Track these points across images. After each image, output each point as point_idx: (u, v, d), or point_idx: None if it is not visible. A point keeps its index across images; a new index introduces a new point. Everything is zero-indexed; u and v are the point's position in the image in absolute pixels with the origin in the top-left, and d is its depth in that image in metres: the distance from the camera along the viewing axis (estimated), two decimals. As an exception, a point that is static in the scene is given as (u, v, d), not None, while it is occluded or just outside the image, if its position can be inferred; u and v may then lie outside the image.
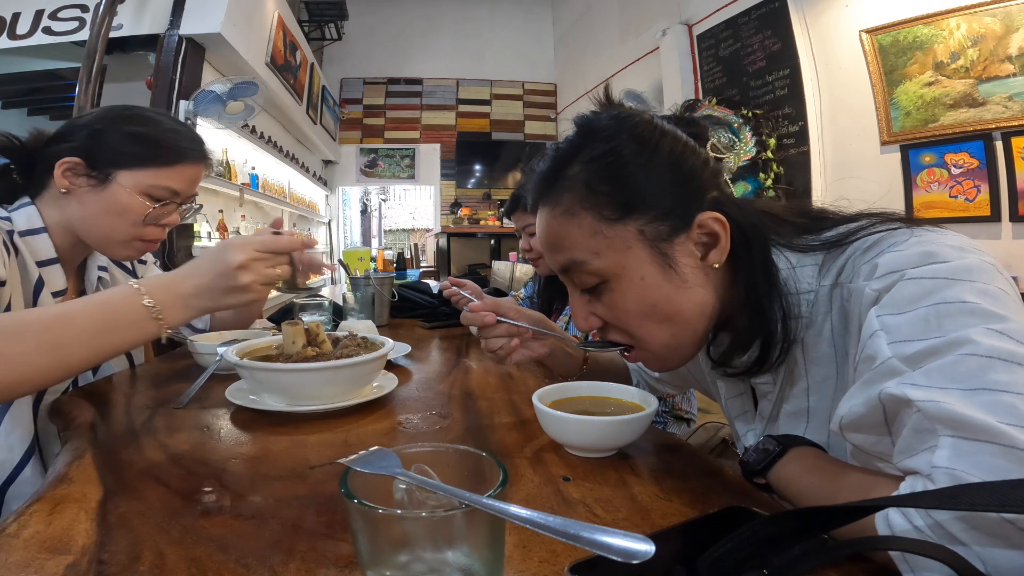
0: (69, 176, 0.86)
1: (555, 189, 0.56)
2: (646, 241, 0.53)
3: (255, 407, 0.73)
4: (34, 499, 0.47)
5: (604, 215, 0.53)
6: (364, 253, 2.53)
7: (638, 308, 0.54)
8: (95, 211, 0.87)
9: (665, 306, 0.54)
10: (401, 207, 9.25)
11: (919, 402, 0.37)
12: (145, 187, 0.87)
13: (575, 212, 0.54)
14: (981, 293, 0.40)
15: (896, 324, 0.42)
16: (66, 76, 3.17)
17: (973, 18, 2.48)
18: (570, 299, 0.60)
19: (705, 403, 1.50)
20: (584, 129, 0.57)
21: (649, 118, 0.57)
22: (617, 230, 0.53)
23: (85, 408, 0.76)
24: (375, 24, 6.80)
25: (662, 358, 0.59)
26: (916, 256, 0.44)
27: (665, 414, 1.35)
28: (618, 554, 0.27)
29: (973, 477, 0.33)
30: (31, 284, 0.83)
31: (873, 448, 0.43)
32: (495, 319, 0.70)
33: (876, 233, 0.51)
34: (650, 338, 0.56)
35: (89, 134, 0.87)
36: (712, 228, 0.53)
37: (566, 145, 0.57)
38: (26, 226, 0.85)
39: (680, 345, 0.57)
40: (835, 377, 0.53)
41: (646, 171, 0.53)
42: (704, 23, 3.94)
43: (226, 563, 0.38)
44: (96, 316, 0.62)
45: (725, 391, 0.69)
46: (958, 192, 2.58)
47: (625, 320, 0.56)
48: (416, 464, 0.34)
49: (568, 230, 0.55)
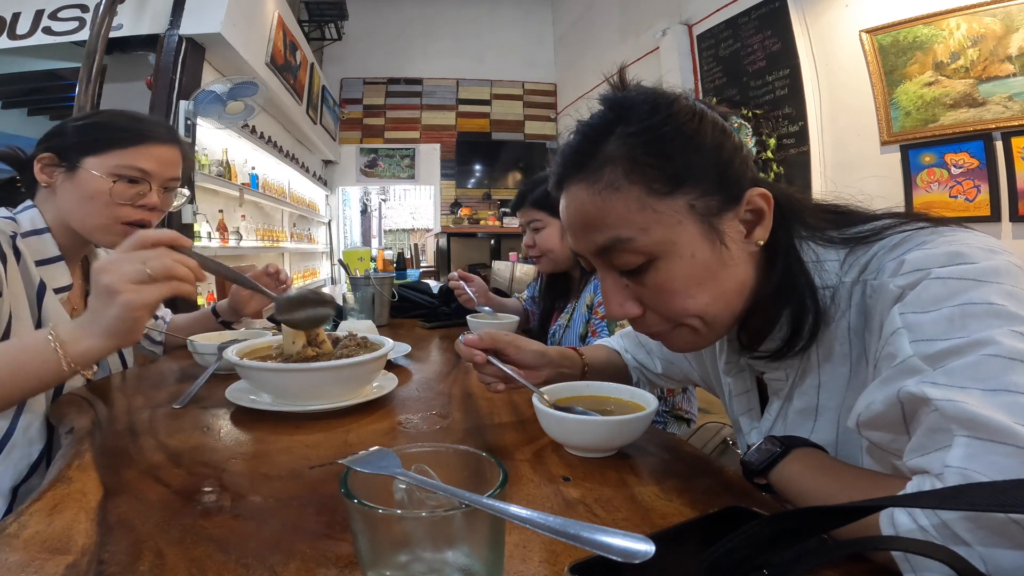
0: (47, 171, 0.91)
1: (592, 165, 0.52)
2: (697, 215, 0.51)
3: (255, 407, 0.73)
4: (34, 499, 0.47)
5: (654, 188, 0.50)
6: (364, 253, 2.53)
7: (685, 287, 0.51)
8: (72, 199, 0.90)
9: (712, 284, 0.52)
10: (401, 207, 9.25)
11: (937, 401, 0.37)
12: (111, 168, 0.89)
13: (619, 186, 0.51)
14: (1008, 295, 0.40)
15: (919, 322, 0.41)
16: (66, 76, 3.17)
17: (973, 18, 2.48)
18: (603, 286, 0.56)
19: (705, 403, 1.50)
20: (616, 105, 0.54)
21: (686, 97, 0.55)
22: (667, 204, 0.50)
23: (85, 408, 0.76)
24: (375, 24, 6.80)
25: (699, 336, 0.55)
26: (944, 255, 0.44)
27: (665, 414, 1.35)
28: (618, 554, 0.27)
29: (984, 477, 0.33)
30: (34, 286, 0.86)
31: (890, 446, 0.42)
32: (484, 359, 0.69)
33: (903, 232, 0.50)
34: (691, 319, 0.54)
35: (58, 131, 0.93)
36: (759, 205, 0.52)
37: (598, 120, 0.54)
38: (30, 226, 0.89)
39: (718, 324, 0.55)
40: (848, 375, 0.53)
41: (694, 146, 0.51)
42: (704, 23, 3.94)
43: (226, 563, 0.38)
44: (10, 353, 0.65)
45: (733, 387, 0.68)
46: (958, 192, 2.58)
47: (669, 300, 0.52)
48: (416, 464, 0.34)
49: (611, 205, 0.51)
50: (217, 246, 3.27)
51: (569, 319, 1.37)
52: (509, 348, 0.72)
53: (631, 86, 0.56)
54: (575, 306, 1.37)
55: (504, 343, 0.72)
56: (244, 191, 3.66)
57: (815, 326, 0.53)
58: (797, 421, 0.57)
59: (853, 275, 0.51)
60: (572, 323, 1.35)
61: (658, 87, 0.56)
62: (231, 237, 3.54)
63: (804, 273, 0.53)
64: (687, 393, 1.38)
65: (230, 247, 3.48)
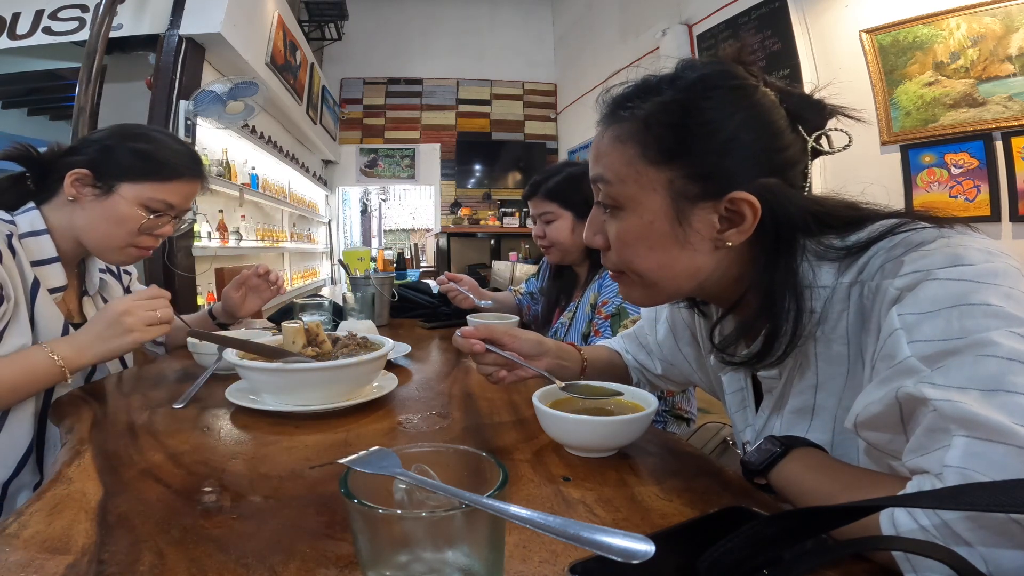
0: (77, 186, 0.93)
1: (620, 115, 0.58)
2: (671, 192, 0.54)
3: (255, 407, 0.73)
4: (34, 499, 0.47)
5: (646, 154, 0.55)
6: (364, 253, 2.53)
7: (635, 244, 0.58)
8: (97, 218, 0.94)
9: (661, 254, 0.57)
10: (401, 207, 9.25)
11: (936, 401, 0.37)
12: (144, 199, 0.95)
13: (624, 140, 0.56)
14: (1006, 297, 0.40)
15: (917, 323, 0.42)
16: (66, 76, 3.17)
17: (973, 18, 2.48)
18: (591, 211, 0.64)
19: (705, 403, 1.50)
20: (678, 71, 0.58)
21: (742, 84, 0.55)
22: (651, 172, 0.55)
23: (85, 408, 0.76)
24: (375, 24, 6.80)
25: (641, 291, 0.62)
26: (942, 257, 0.44)
27: (665, 413, 1.35)
28: (618, 554, 0.27)
29: (984, 477, 0.33)
30: (28, 284, 0.87)
31: (888, 446, 0.43)
32: (484, 348, 0.70)
33: (902, 233, 0.50)
34: (637, 271, 0.59)
35: (99, 148, 0.95)
36: (741, 209, 0.53)
37: (655, 79, 0.58)
38: (29, 228, 0.91)
39: (660, 290, 0.60)
40: (846, 376, 0.53)
41: (703, 130, 0.53)
42: (704, 23, 3.94)
43: (226, 563, 0.38)
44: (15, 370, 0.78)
45: (727, 385, 0.69)
46: (958, 192, 2.58)
47: (622, 248, 0.59)
48: (416, 464, 0.34)
49: (612, 150, 0.58)
50: (217, 246, 3.27)
51: (572, 317, 1.37)
52: (505, 338, 0.73)
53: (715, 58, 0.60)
54: (578, 304, 1.37)
55: (500, 333, 0.73)
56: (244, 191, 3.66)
57: (791, 344, 0.53)
58: (793, 420, 0.58)
59: (851, 276, 0.51)
60: (575, 321, 1.35)
61: (732, 63, 0.58)
62: (231, 237, 3.54)
63: (793, 292, 0.53)
64: (686, 393, 1.38)
65: (230, 247, 3.47)
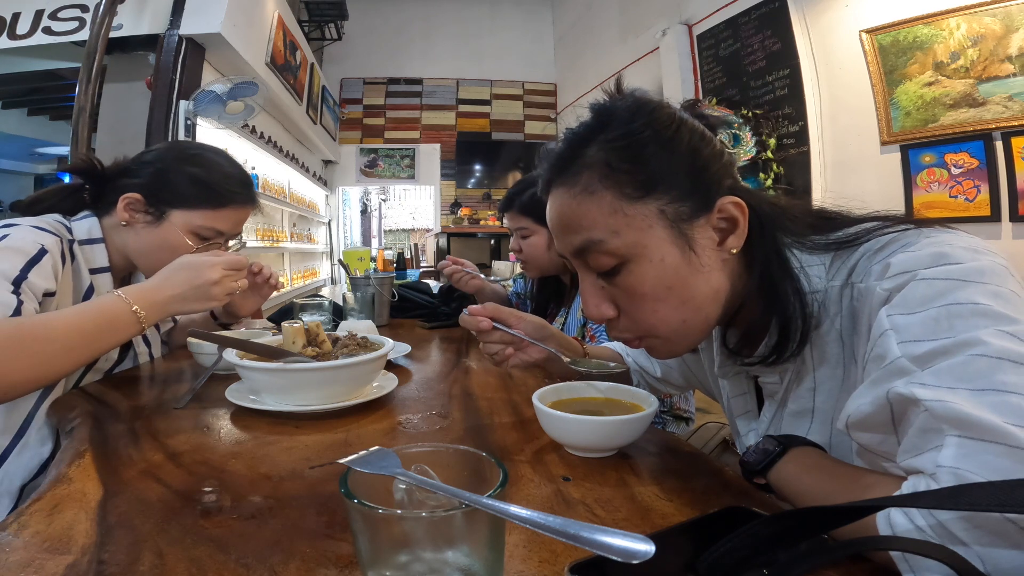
0: (130, 211, 0.95)
1: (571, 170, 0.55)
2: (667, 221, 0.52)
3: (255, 407, 0.73)
4: (34, 499, 0.47)
5: (625, 193, 0.52)
6: (364, 253, 2.53)
7: (655, 291, 0.53)
8: (148, 244, 0.96)
9: (681, 289, 0.53)
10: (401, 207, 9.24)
11: (927, 401, 0.37)
12: (195, 227, 0.97)
13: (594, 190, 0.53)
14: (993, 295, 0.40)
15: (906, 324, 0.42)
16: (66, 76, 3.17)
17: (973, 18, 2.48)
18: (582, 287, 0.58)
19: (704, 403, 1.50)
20: (601, 113, 0.56)
21: (667, 105, 0.57)
22: (638, 208, 0.52)
23: (85, 408, 0.76)
24: (375, 24, 6.79)
25: (671, 344, 0.58)
26: (929, 257, 0.44)
27: (664, 414, 1.35)
28: (618, 554, 0.27)
29: (978, 477, 0.33)
30: (82, 289, 0.90)
31: (879, 447, 0.43)
32: (490, 325, 0.71)
33: (888, 234, 0.51)
34: (662, 324, 0.55)
35: (153, 172, 0.97)
36: (731, 213, 0.53)
37: (582, 128, 0.57)
38: (86, 236, 0.94)
39: (690, 331, 0.56)
40: (841, 377, 0.53)
41: (668, 152, 0.53)
42: (704, 23, 3.94)
43: (226, 563, 0.38)
44: (98, 320, 0.76)
45: (729, 390, 0.69)
46: (958, 192, 2.58)
47: (640, 304, 0.55)
48: (416, 464, 0.34)
49: (586, 209, 0.54)
50: (217, 246, 3.26)
51: (563, 324, 1.37)
52: (511, 318, 0.74)
53: (623, 94, 0.58)
54: (569, 311, 1.37)
55: (506, 313, 0.74)
56: (244, 191, 3.65)
57: (804, 332, 0.53)
58: (792, 423, 0.58)
59: (841, 279, 0.52)
60: (566, 328, 1.34)
61: (644, 95, 0.57)
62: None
63: (791, 280, 0.54)
64: (684, 393, 1.38)
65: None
